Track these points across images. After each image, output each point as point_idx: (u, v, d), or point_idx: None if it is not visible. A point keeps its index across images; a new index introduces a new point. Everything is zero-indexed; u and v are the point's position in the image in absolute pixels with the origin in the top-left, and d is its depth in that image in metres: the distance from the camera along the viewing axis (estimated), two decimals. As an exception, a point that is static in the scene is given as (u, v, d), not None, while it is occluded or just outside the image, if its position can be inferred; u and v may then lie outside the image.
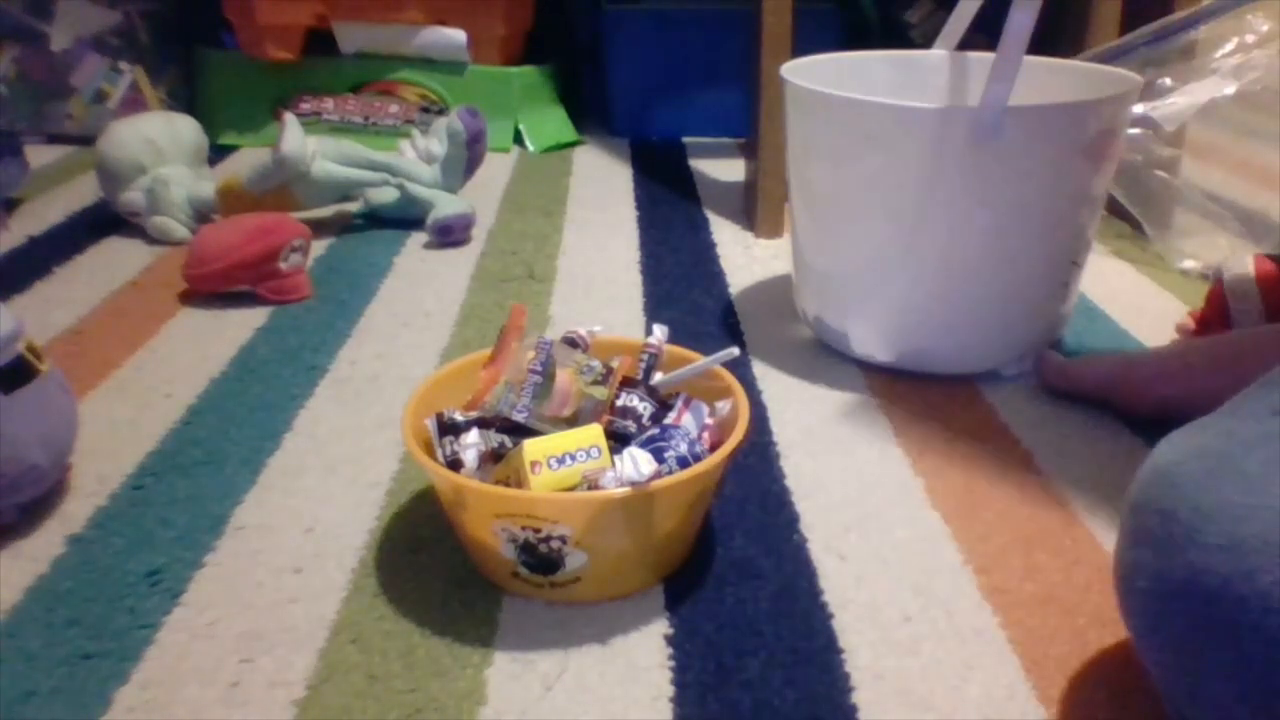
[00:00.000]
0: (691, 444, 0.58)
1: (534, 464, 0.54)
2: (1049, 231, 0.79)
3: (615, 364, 0.64)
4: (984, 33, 0.84)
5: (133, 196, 1.15)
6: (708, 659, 0.54)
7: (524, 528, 0.54)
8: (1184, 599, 0.42)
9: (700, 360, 0.65)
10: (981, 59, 0.94)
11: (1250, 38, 1.01)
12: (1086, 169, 0.78)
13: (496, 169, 1.44)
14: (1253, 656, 0.39)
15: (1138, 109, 1.01)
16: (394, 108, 1.57)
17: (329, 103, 1.57)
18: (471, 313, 0.98)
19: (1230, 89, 1.01)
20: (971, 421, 0.78)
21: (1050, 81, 0.86)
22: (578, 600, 0.58)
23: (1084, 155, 0.77)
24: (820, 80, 0.81)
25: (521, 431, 0.59)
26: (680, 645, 0.55)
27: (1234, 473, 0.43)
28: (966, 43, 0.94)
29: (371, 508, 0.68)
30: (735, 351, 0.61)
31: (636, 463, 0.53)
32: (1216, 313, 0.86)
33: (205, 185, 1.16)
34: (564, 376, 0.61)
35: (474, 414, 0.62)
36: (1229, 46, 1.02)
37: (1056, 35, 0.77)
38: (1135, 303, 0.99)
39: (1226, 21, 1.02)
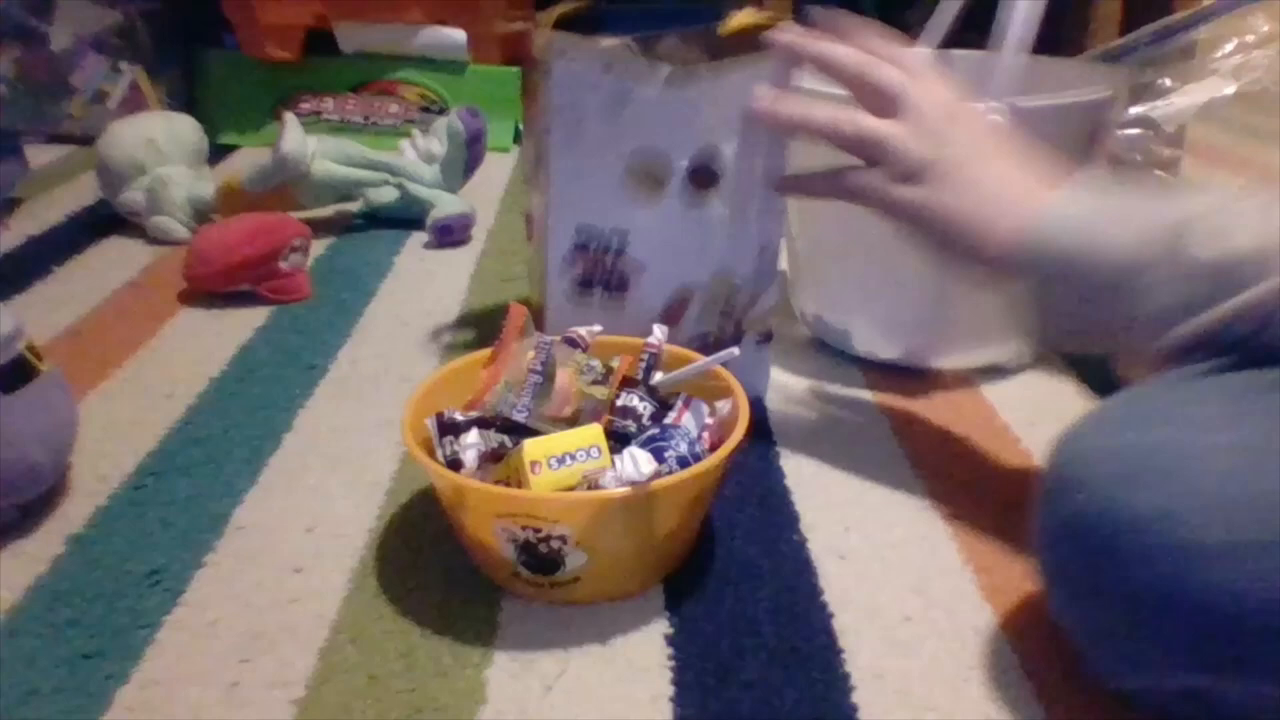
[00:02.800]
0: (691, 444, 0.58)
1: (534, 464, 0.54)
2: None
3: (615, 364, 0.63)
4: (975, 30, 0.83)
5: (133, 196, 1.15)
6: (708, 659, 0.54)
7: (524, 528, 0.54)
8: (1069, 540, 0.45)
9: (700, 360, 0.65)
10: (965, 56, 0.93)
11: (1250, 38, 1.01)
12: (1085, 167, 0.78)
13: (496, 169, 1.44)
14: (1128, 584, 0.42)
15: (1138, 109, 1.01)
16: (394, 108, 1.57)
17: (329, 102, 1.57)
18: (471, 313, 0.98)
19: (1230, 89, 1.01)
20: (971, 421, 0.78)
21: (1049, 81, 0.86)
22: (578, 600, 0.58)
23: (1083, 154, 0.77)
24: (820, 79, 0.81)
25: (521, 431, 0.59)
26: (680, 645, 0.55)
27: (1112, 421, 0.47)
28: (957, 41, 0.94)
29: (371, 508, 0.68)
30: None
31: (636, 462, 0.53)
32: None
33: (205, 185, 1.16)
34: (564, 376, 0.61)
35: (474, 414, 0.62)
36: (1229, 46, 1.02)
37: (1056, 35, 0.77)
38: (1135, 303, 0.99)
39: (1226, 21, 1.02)
